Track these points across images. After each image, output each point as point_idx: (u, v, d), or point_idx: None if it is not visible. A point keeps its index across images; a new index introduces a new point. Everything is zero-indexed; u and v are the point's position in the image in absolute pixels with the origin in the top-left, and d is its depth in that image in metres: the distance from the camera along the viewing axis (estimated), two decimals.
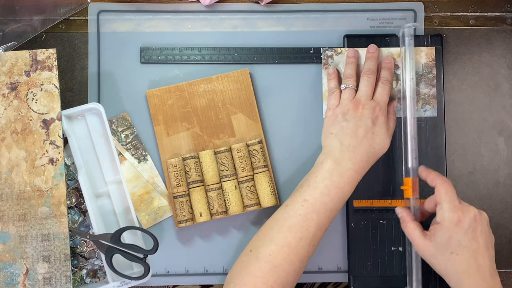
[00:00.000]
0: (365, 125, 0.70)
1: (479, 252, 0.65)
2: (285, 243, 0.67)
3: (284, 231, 0.67)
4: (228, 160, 0.76)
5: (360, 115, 0.71)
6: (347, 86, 0.74)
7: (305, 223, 0.67)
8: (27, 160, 0.72)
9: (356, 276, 0.77)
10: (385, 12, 0.80)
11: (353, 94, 0.73)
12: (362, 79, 0.74)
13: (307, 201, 0.68)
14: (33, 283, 0.71)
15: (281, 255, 0.66)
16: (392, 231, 0.77)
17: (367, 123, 0.70)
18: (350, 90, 0.74)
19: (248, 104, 0.78)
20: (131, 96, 0.79)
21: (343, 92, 0.74)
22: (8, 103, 0.73)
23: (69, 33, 0.80)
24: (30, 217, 0.71)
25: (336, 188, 0.69)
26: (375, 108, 0.71)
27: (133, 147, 0.78)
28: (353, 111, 0.71)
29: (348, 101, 0.72)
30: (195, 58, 0.79)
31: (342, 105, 0.73)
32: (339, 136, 0.71)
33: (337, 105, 0.73)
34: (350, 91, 0.73)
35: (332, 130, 0.72)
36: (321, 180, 0.69)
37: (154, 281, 0.77)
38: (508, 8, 0.81)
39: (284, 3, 0.81)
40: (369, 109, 0.71)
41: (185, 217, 0.75)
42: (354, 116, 0.71)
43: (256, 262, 0.66)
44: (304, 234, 0.67)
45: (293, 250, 0.67)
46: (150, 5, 0.80)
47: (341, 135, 0.71)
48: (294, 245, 0.67)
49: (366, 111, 0.71)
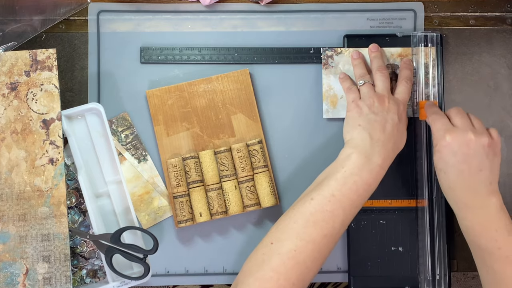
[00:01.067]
0: (392, 121, 0.69)
1: (469, 172, 0.66)
2: (310, 239, 0.64)
3: (310, 227, 0.64)
4: (228, 160, 0.76)
5: (387, 109, 0.69)
6: (365, 81, 0.73)
7: (331, 219, 0.65)
8: (27, 160, 0.72)
9: (356, 276, 0.77)
10: (385, 12, 0.80)
11: (372, 88, 0.72)
12: (376, 75, 0.73)
13: (334, 197, 0.65)
14: (33, 283, 0.71)
15: (306, 251, 0.64)
16: (392, 231, 0.77)
17: (394, 119, 0.69)
18: (369, 85, 0.72)
19: (248, 104, 0.78)
20: (131, 96, 0.79)
21: (362, 87, 0.72)
22: (8, 103, 0.73)
23: (69, 33, 0.80)
24: (30, 217, 0.71)
25: (365, 184, 0.66)
26: (399, 105, 0.71)
27: (133, 147, 0.78)
28: (380, 104, 0.70)
29: (372, 94, 0.71)
30: (195, 58, 0.79)
31: (366, 97, 0.71)
32: (368, 128, 0.68)
33: (359, 98, 0.72)
34: (370, 85, 0.72)
35: (360, 122, 0.69)
36: (350, 176, 0.66)
37: (154, 281, 0.77)
38: (508, 8, 0.81)
39: (284, 3, 0.81)
40: (394, 104, 0.70)
41: (185, 217, 0.75)
42: (381, 109, 0.69)
43: (279, 257, 0.63)
44: (330, 230, 0.65)
45: (317, 247, 0.64)
46: (150, 5, 0.80)
47: (370, 127, 0.68)
48: (318, 241, 0.64)
49: (392, 106, 0.70)
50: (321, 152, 0.78)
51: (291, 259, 0.63)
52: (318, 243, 0.64)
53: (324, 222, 0.65)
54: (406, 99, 0.73)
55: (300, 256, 0.63)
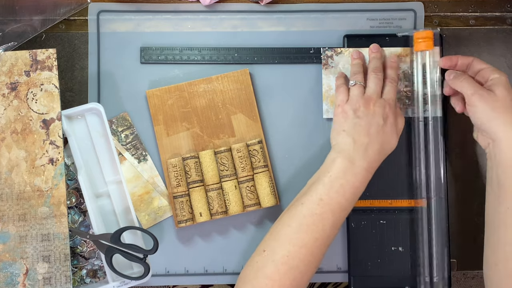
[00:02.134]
0: (377, 124, 0.69)
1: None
2: (303, 243, 0.66)
3: (301, 231, 0.66)
4: (228, 160, 0.76)
5: (372, 113, 0.70)
6: (356, 82, 0.73)
7: (321, 222, 0.67)
8: (27, 160, 0.72)
9: (356, 276, 0.77)
10: (385, 12, 0.80)
11: (362, 90, 0.72)
12: (370, 76, 0.73)
13: (322, 201, 0.67)
14: (33, 283, 0.71)
15: (298, 256, 0.65)
16: (392, 231, 0.77)
17: (379, 122, 0.70)
18: (359, 87, 0.72)
19: (248, 104, 0.78)
20: (131, 96, 0.79)
21: (352, 88, 0.73)
22: (8, 103, 0.73)
23: (69, 33, 0.80)
24: (30, 217, 0.71)
25: (352, 187, 0.68)
26: (385, 106, 0.71)
27: (133, 147, 0.78)
28: (365, 107, 0.70)
29: (359, 97, 0.71)
30: (195, 58, 0.79)
31: (353, 101, 0.71)
32: (351, 133, 0.69)
33: (346, 101, 0.72)
34: (360, 87, 0.72)
35: (345, 127, 0.70)
36: (336, 180, 0.68)
37: (154, 281, 0.77)
38: (508, 8, 0.81)
39: (284, 3, 0.81)
40: (380, 107, 0.70)
41: (185, 217, 0.75)
42: (366, 113, 0.70)
43: (273, 264, 0.65)
44: (320, 234, 0.66)
45: (309, 251, 0.66)
46: (150, 5, 0.80)
47: (354, 132, 0.69)
48: (310, 245, 0.66)
49: (377, 109, 0.70)
50: (321, 152, 0.78)
51: (284, 264, 0.65)
52: (310, 247, 0.66)
53: (314, 225, 0.66)
54: (393, 99, 0.72)
55: (293, 261, 0.65)
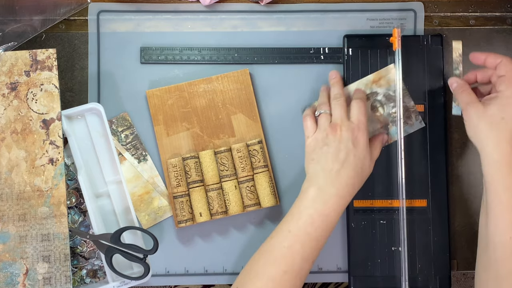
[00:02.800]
0: (346, 148, 0.68)
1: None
2: (269, 277, 0.65)
3: (269, 265, 0.66)
4: (228, 160, 0.76)
5: (339, 138, 0.69)
6: (320, 112, 0.73)
7: (290, 255, 0.66)
8: (27, 160, 0.72)
9: (356, 276, 0.77)
10: (385, 12, 0.80)
11: (329, 118, 0.72)
12: (332, 103, 0.73)
13: (291, 232, 0.67)
14: (33, 283, 0.71)
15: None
16: (392, 231, 0.77)
17: (347, 146, 0.69)
18: (325, 115, 0.72)
19: (248, 104, 0.78)
20: (131, 96, 0.79)
21: (319, 118, 0.72)
22: (8, 103, 0.73)
23: (69, 33, 0.80)
24: (30, 217, 0.71)
25: (321, 216, 0.67)
26: (353, 129, 0.69)
27: (133, 147, 0.78)
28: (332, 134, 0.69)
29: (326, 125, 0.71)
30: (195, 58, 0.79)
31: (321, 130, 0.71)
32: (321, 161, 0.69)
33: (315, 131, 0.72)
34: (326, 115, 0.72)
35: (314, 156, 0.70)
36: (304, 209, 0.67)
37: (154, 281, 0.78)
38: (508, 8, 0.81)
39: (284, 3, 0.81)
40: (347, 130, 0.69)
41: (185, 217, 0.75)
42: (333, 139, 0.69)
43: None
44: (289, 267, 0.66)
45: (277, 285, 0.65)
46: (150, 5, 0.80)
47: (323, 160, 0.69)
48: (278, 279, 0.65)
49: (344, 133, 0.69)
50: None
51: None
52: (278, 281, 0.66)
53: (283, 258, 0.66)
54: (362, 120, 0.71)
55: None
